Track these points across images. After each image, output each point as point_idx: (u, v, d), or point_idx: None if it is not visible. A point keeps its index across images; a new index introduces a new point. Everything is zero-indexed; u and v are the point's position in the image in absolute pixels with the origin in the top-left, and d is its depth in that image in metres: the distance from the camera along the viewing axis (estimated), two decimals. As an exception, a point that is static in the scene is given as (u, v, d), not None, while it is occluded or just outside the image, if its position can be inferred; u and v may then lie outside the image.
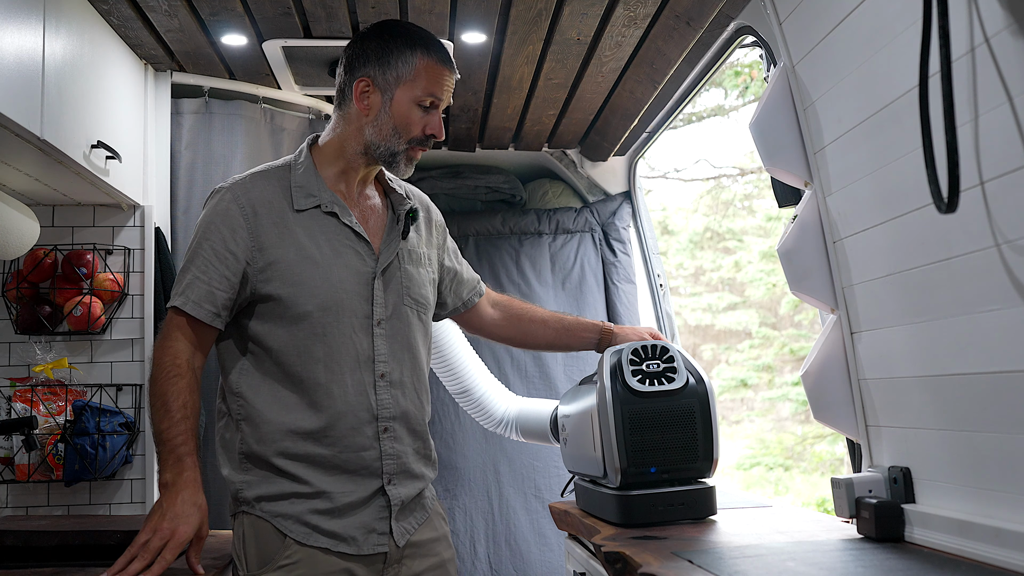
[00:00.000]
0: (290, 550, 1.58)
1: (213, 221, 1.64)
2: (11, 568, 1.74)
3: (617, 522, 1.89)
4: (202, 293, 1.61)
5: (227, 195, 1.66)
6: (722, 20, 2.16)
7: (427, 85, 1.66)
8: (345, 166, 1.72)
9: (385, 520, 1.65)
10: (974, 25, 1.28)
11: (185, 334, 1.61)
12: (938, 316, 1.49)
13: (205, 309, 1.61)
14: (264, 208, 1.64)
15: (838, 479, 1.74)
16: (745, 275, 9.88)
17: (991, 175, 1.30)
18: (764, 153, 1.91)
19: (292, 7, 2.17)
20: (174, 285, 1.65)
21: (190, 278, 1.62)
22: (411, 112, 1.67)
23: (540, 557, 3.13)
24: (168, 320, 1.63)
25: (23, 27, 1.73)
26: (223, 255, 1.61)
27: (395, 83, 1.66)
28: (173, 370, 1.58)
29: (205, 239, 1.63)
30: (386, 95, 1.66)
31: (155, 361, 1.61)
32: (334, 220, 1.67)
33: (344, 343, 1.63)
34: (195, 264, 1.62)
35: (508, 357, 3.25)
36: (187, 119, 2.62)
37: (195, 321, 1.61)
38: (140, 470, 2.35)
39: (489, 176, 3.44)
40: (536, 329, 2.07)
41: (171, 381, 1.57)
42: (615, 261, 3.37)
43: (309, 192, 1.67)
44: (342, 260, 1.65)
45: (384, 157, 1.69)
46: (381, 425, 1.65)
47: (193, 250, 1.64)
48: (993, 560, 1.36)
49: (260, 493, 1.61)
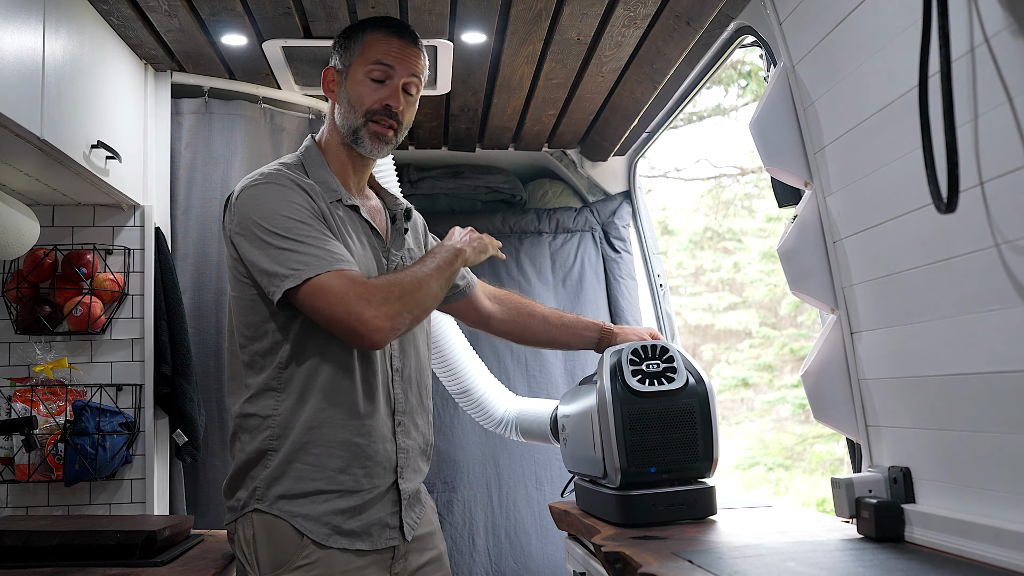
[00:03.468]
0: (307, 550, 1.55)
1: (283, 196, 1.54)
2: (11, 568, 1.75)
3: (617, 522, 1.89)
4: (329, 250, 1.49)
5: (276, 177, 1.58)
6: (722, 20, 2.16)
7: (373, 54, 1.68)
8: (341, 163, 1.73)
9: (396, 515, 1.66)
10: (974, 25, 1.28)
11: (350, 284, 1.47)
12: (938, 316, 1.49)
13: (344, 260, 1.50)
14: (312, 192, 1.60)
15: (838, 479, 1.74)
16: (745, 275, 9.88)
17: (991, 175, 1.30)
18: (764, 153, 1.91)
19: (292, 7, 2.17)
20: (273, 277, 1.49)
21: (298, 250, 1.48)
22: (363, 85, 1.68)
23: (540, 550, 3.13)
24: (325, 295, 1.46)
25: (23, 27, 1.73)
26: (313, 222, 1.53)
27: (349, 63, 1.70)
28: (375, 282, 1.51)
29: (288, 214, 1.51)
30: (343, 76, 1.71)
31: (372, 298, 1.46)
32: (356, 214, 1.68)
33: None
34: (291, 238, 1.49)
35: (508, 352, 3.25)
36: (187, 119, 2.62)
37: (343, 276, 1.48)
38: (140, 470, 2.35)
39: (489, 176, 3.44)
40: (536, 325, 2.07)
41: (393, 279, 1.53)
42: (616, 258, 3.37)
43: (329, 187, 1.66)
44: (368, 253, 1.67)
45: (350, 137, 1.70)
46: (396, 419, 1.68)
47: (278, 228, 1.50)
48: (993, 560, 1.36)
49: (282, 491, 1.57)
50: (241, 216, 1.58)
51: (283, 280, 1.49)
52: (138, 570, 1.75)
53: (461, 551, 3.11)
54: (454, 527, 3.12)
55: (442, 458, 3.16)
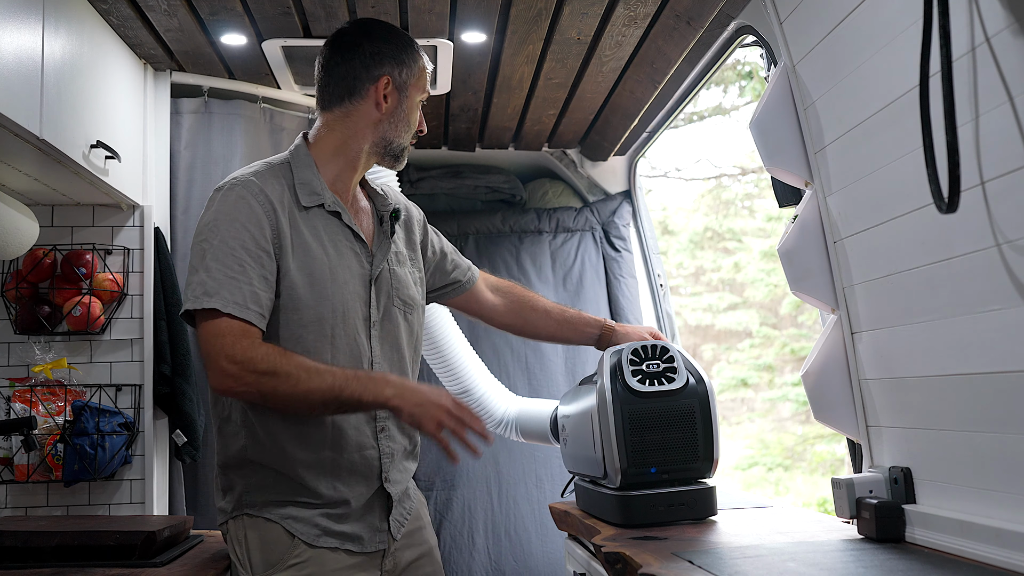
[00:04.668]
0: (299, 549, 1.57)
1: (236, 218, 1.53)
2: (11, 568, 1.74)
3: (617, 522, 1.88)
4: (246, 294, 1.49)
5: (243, 191, 1.56)
6: (722, 20, 2.15)
7: (426, 82, 1.77)
8: (344, 165, 1.70)
9: (384, 519, 1.68)
10: (975, 25, 1.28)
11: (242, 338, 1.48)
12: (938, 316, 1.49)
13: (252, 311, 1.50)
14: (279, 205, 1.59)
15: (839, 479, 1.73)
16: (745, 275, 9.88)
17: (992, 175, 1.29)
18: (764, 153, 1.90)
19: (292, 7, 2.17)
20: (194, 288, 1.50)
21: (220, 279, 1.49)
22: (418, 110, 1.76)
23: (540, 548, 3.12)
24: (213, 332, 1.47)
25: (23, 27, 1.73)
26: (256, 254, 1.52)
27: (408, 82, 1.73)
28: (275, 354, 1.48)
29: (231, 237, 1.51)
30: (402, 93, 1.72)
31: (249, 364, 1.46)
32: (336, 220, 1.66)
33: (348, 345, 1.63)
34: (223, 263, 1.50)
35: (508, 350, 3.24)
36: (186, 119, 2.62)
37: (244, 326, 1.49)
38: (139, 470, 2.35)
39: (489, 176, 3.44)
40: (538, 319, 2.06)
41: (289, 360, 1.48)
42: (617, 257, 3.37)
43: (313, 190, 1.64)
44: (345, 261, 1.65)
45: (395, 152, 1.74)
46: (378, 425, 1.67)
47: (216, 250, 1.51)
48: (994, 560, 1.35)
49: (269, 497, 1.59)
50: (201, 218, 1.59)
51: (188, 300, 1.52)
52: (137, 570, 1.75)
53: (460, 549, 3.10)
54: (454, 525, 3.11)
55: (442, 456, 3.15)
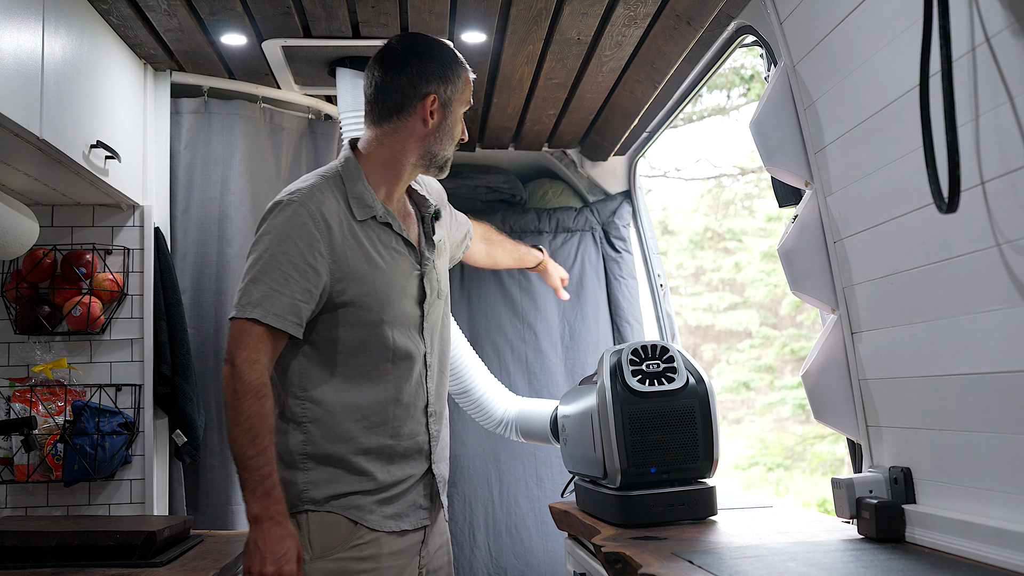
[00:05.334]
0: (360, 532, 1.69)
1: (289, 234, 1.65)
2: (10, 568, 1.74)
3: (617, 522, 1.88)
4: (285, 305, 1.61)
5: (300, 209, 1.67)
6: (722, 20, 2.15)
7: (469, 94, 1.84)
8: (394, 177, 1.79)
9: (427, 496, 1.79)
10: (975, 25, 1.28)
11: (266, 347, 1.61)
12: (938, 316, 1.49)
13: (290, 321, 1.62)
14: (335, 220, 1.69)
15: (839, 479, 1.73)
16: (745, 275, 9.88)
17: (992, 175, 1.29)
18: (764, 153, 1.90)
19: (292, 6, 2.17)
20: (241, 295, 1.63)
21: (265, 290, 1.61)
22: (462, 122, 1.83)
23: (541, 545, 3.12)
24: (244, 331, 1.60)
25: (22, 27, 1.73)
26: (303, 268, 1.64)
27: (453, 97, 1.80)
28: (261, 389, 1.59)
29: (282, 252, 1.63)
30: (448, 109, 1.79)
31: (240, 376, 1.58)
32: (388, 229, 1.77)
33: (406, 342, 1.75)
34: (270, 276, 1.62)
35: (509, 350, 3.25)
36: (186, 119, 2.62)
37: (275, 333, 1.62)
38: (139, 470, 2.35)
39: (489, 176, 3.43)
40: (500, 256, 2.41)
41: (260, 402, 1.58)
42: (617, 257, 3.36)
43: (365, 203, 1.74)
44: (400, 267, 1.76)
45: (440, 164, 1.82)
46: (429, 411, 1.79)
47: (265, 263, 1.63)
48: (994, 560, 1.35)
49: (330, 492, 1.68)
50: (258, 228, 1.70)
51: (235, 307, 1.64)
52: (137, 571, 1.75)
53: (462, 547, 3.10)
54: (455, 523, 3.12)
55: None
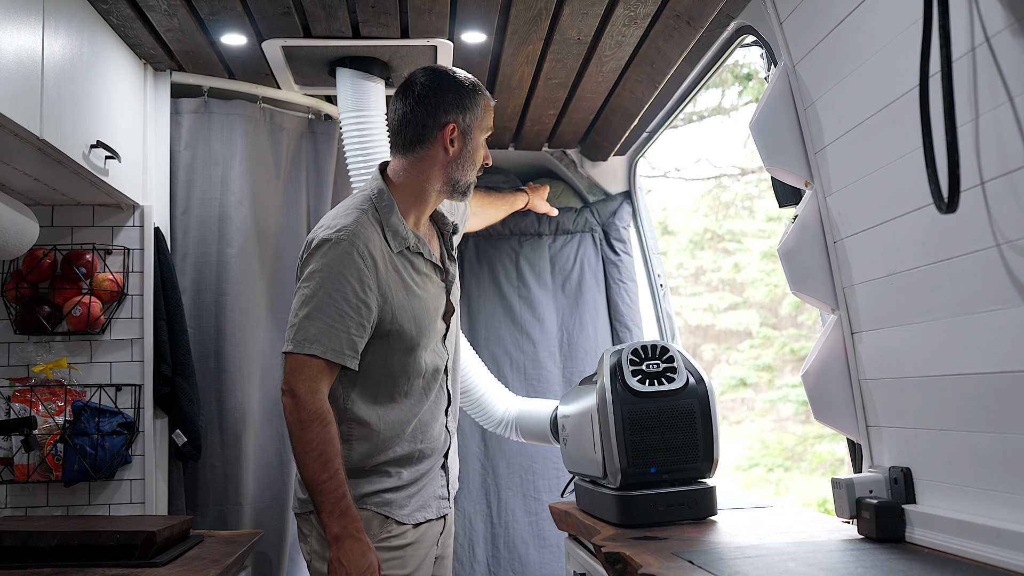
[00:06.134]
0: (390, 526, 1.79)
1: (341, 272, 1.73)
2: (10, 568, 1.74)
3: (617, 522, 1.88)
4: (343, 341, 1.72)
5: (349, 247, 1.75)
6: (722, 20, 2.15)
7: (489, 120, 1.92)
8: (422, 204, 1.88)
9: (445, 487, 1.91)
10: (975, 25, 1.28)
11: (327, 380, 1.73)
12: (938, 316, 1.49)
13: (348, 356, 1.73)
14: (379, 255, 1.79)
15: (839, 479, 1.73)
16: (745, 275, 9.87)
17: (991, 175, 1.29)
18: (764, 153, 1.90)
19: (292, 6, 2.17)
20: (296, 331, 1.72)
21: (322, 327, 1.71)
22: (484, 148, 1.91)
23: (539, 559, 3.11)
24: (304, 364, 1.70)
25: (22, 27, 1.73)
26: (356, 305, 1.73)
27: (472, 124, 1.88)
28: (326, 416, 1.70)
29: (336, 289, 1.73)
30: (467, 136, 1.87)
31: (304, 406, 1.68)
32: (420, 257, 1.87)
33: (434, 359, 1.88)
34: (326, 313, 1.72)
35: (507, 358, 3.23)
36: (186, 119, 2.62)
37: (332, 365, 1.73)
38: (139, 470, 2.35)
39: (489, 176, 3.43)
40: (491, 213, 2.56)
41: (326, 429, 1.69)
42: (616, 260, 3.35)
43: (399, 234, 1.83)
44: (431, 291, 1.87)
45: (463, 189, 1.90)
46: (449, 410, 1.93)
47: (320, 299, 1.72)
48: (993, 560, 1.35)
49: (365, 491, 1.79)
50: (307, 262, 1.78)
51: (291, 343, 1.73)
52: (137, 571, 1.75)
53: (461, 561, 3.09)
54: (455, 536, 3.11)
55: None
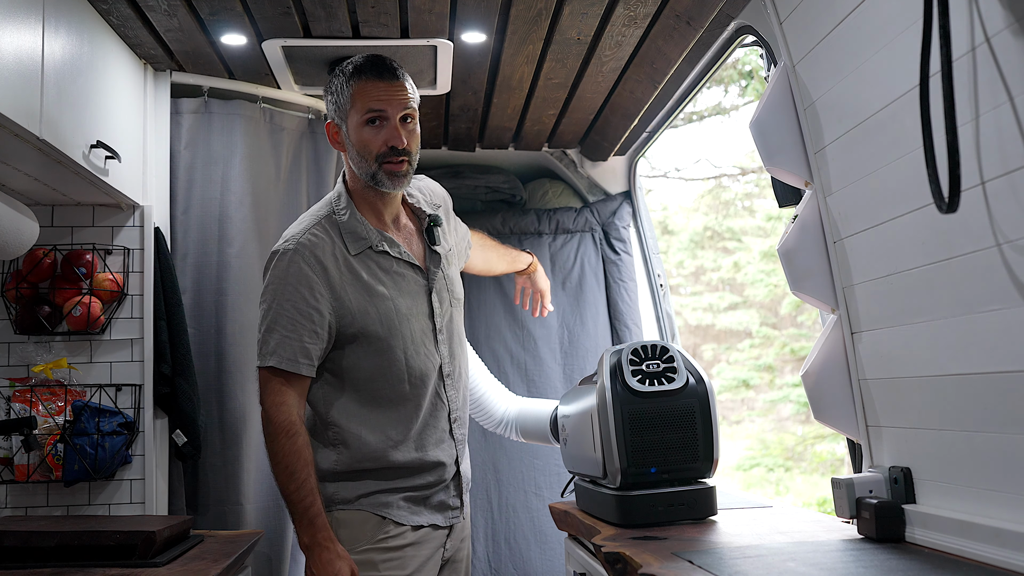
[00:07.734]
0: (387, 527, 1.77)
1: (288, 282, 1.74)
2: (10, 569, 1.74)
3: (617, 522, 1.88)
4: (296, 349, 1.73)
5: (295, 256, 1.75)
6: (722, 20, 2.15)
7: (364, 103, 1.79)
8: (370, 202, 1.84)
9: (457, 496, 1.88)
10: (975, 25, 1.28)
11: (293, 390, 1.73)
12: (938, 316, 1.49)
13: (302, 363, 1.74)
14: (329, 260, 1.77)
15: (839, 479, 1.73)
16: (745, 275, 9.87)
17: (992, 175, 1.29)
18: (764, 153, 1.90)
19: (292, 7, 2.17)
20: (261, 346, 1.75)
21: (278, 338, 1.73)
22: (364, 132, 1.79)
23: (539, 555, 3.12)
24: (267, 378, 1.74)
25: (22, 27, 1.73)
26: (307, 312, 1.74)
27: (345, 115, 1.81)
28: (290, 428, 1.70)
29: (286, 299, 1.74)
30: (343, 128, 1.82)
31: (270, 419, 1.71)
32: (386, 255, 1.82)
33: (421, 360, 1.82)
34: (280, 324, 1.73)
35: (508, 356, 3.24)
36: (186, 119, 2.62)
37: (293, 375, 1.73)
38: (139, 470, 2.35)
39: (489, 176, 3.43)
40: (495, 262, 2.42)
41: (291, 440, 1.69)
42: (616, 260, 3.35)
43: (358, 236, 1.80)
44: (405, 288, 1.82)
45: (378, 181, 1.81)
46: (452, 417, 1.87)
47: (274, 312, 1.74)
48: (993, 560, 1.35)
49: (361, 492, 1.77)
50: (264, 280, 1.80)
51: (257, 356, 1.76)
52: (137, 571, 1.75)
53: None
54: None
55: None
